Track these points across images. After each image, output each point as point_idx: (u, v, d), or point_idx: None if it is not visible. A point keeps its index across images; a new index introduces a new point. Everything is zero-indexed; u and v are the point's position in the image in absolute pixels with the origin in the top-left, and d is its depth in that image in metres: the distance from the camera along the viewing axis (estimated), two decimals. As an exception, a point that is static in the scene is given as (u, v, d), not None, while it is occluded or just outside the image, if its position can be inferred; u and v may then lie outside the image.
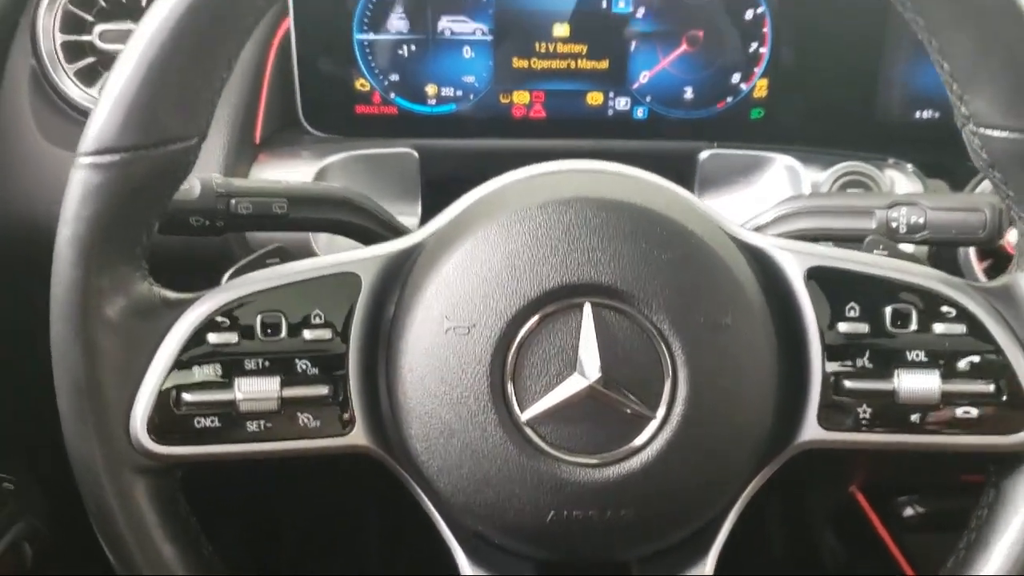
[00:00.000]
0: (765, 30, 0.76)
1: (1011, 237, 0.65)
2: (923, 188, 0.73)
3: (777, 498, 1.08)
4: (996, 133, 0.43)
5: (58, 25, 0.76)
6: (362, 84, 0.78)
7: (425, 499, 0.47)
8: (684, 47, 0.77)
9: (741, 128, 0.78)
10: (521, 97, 0.78)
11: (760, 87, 0.77)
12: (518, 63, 0.77)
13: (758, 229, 0.58)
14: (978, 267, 0.74)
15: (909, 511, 0.94)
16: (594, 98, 0.78)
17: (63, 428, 0.45)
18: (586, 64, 0.77)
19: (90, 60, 0.76)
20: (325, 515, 1.15)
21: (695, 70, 0.77)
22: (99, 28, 0.76)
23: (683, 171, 0.77)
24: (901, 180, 0.71)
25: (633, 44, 0.76)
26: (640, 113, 0.78)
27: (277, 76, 0.78)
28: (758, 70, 0.77)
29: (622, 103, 0.78)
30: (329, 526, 1.16)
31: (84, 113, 0.76)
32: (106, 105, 0.42)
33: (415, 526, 0.51)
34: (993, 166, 0.44)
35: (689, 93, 0.78)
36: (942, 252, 0.72)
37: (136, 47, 0.42)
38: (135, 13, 0.76)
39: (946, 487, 0.97)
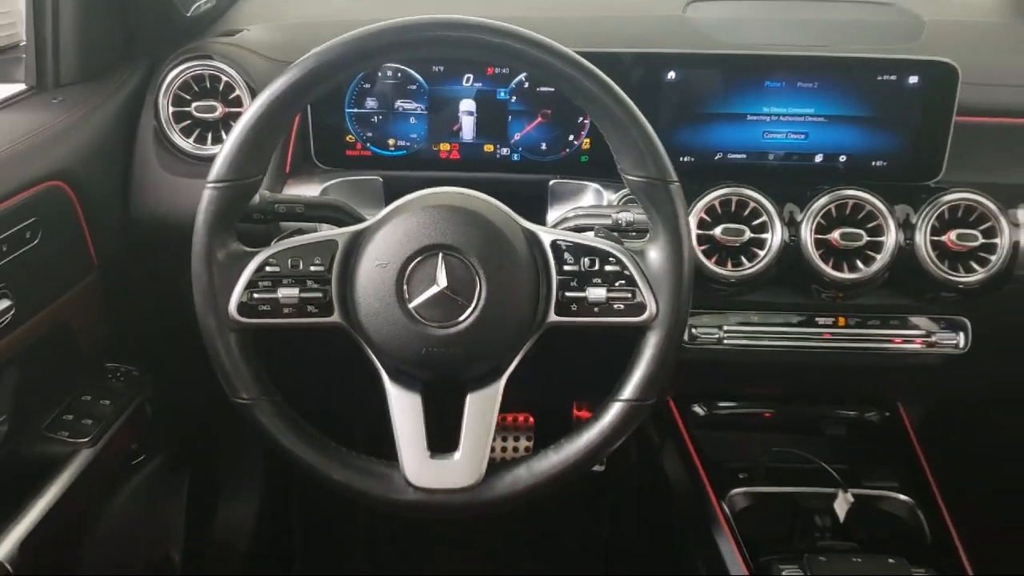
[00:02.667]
0: (588, 109, 1.19)
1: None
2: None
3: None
4: (632, 178, 0.87)
5: (171, 102, 1.16)
6: (350, 138, 1.19)
7: (368, 350, 0.90)
8: (539, 119, 1.17)
9: (574, 167, 1.18)
10: (445, 147, 1.19)
11: (585, 143, 1.18)
12: (442, 127, 1.18)
13: (556, 224, 1.02)
14: None
15: (699, 411, 1.35)
16: (488, 148, 1.19)
17: (196, 311, 0.87)
18: (483, 128, 1.18)
19: (188, 122, 1.16)
20: None
21: (547, 132, 1.17)
22: (195, 104, 1.15)
23: (540, 192, 1.17)
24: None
25: (510, 117, 1.17)
26: (515, 157, 1.19)
27: (299, 133, 1.18)
28: (583, 133, 1.17)
29: (504, 151, 1.19)
30: None
31: (185, 153, 1.16)
32: (219, 159, 0.82)
33: None
34: (634, 195, 0.88)
35: (544, 146, 1.18)
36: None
37: (234, 132, 0.85)
38: (215, 95, 1.15)
39: (725, 395, 1.38)
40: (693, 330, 1.18)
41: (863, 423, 1.35)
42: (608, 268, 0.87)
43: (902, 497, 1.22)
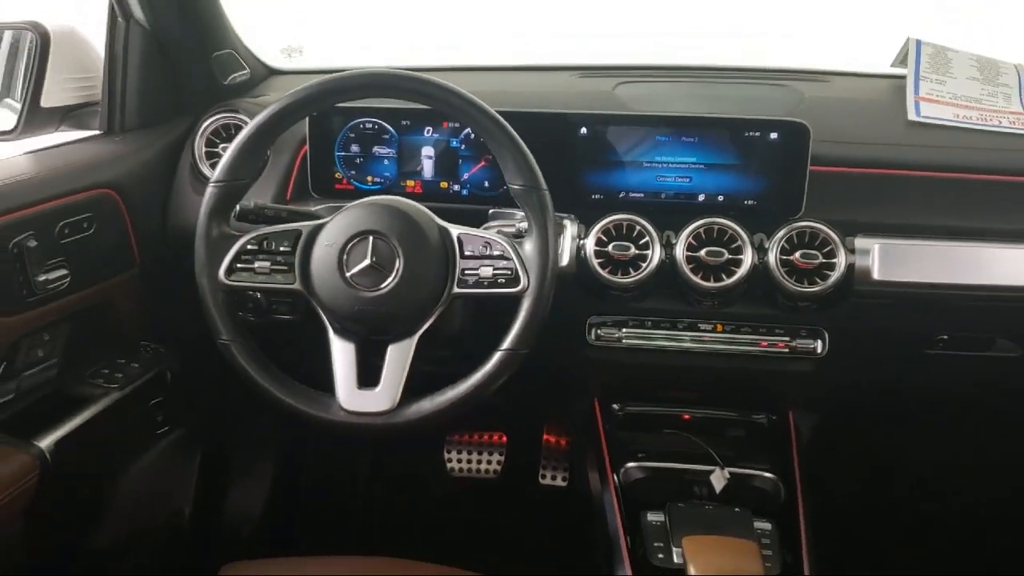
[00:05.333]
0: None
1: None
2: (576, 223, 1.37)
3: (555, 405, 1.75)
4: (513, 186, 1.14)
5: (204, 143, 1.49)
6: (338, 175, 1.46)
7: (320, 311, 1.17)
8: (483, 163, 1.42)
9: (509, 200, 1.39)
10: (410, 183, 1.46)
11: (518, 182, 1.48)
12: (408, 168, 1.45)
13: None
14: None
15: (618, 411, 1.58)
16: (443, 185, 1.45)
17: (196, 274, 1.16)
18: (439, 169, 1.49)
19: (216, 160, 1.47)
20: None
21: (489, 173, 1.43)
22: (221, 145, 1.47)
23: (482, 218, 1.38)
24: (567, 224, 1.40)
25: (460, 161, 1.44)
26: (464, 192, 1.44)
27: (300, 170, 1.47)
28: (517, 174, 1.48)
29: (456, 188, 1.44)
30: None
31: (211, 182, 1.51)
32: (219, 166, 1.15)
33: None
34: (515, 199, 1.16)
35: (487, 183, 1.43)
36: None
37: (230, 147, 1.15)
38: (238, 139, 1.52)
39: (639, 397, 1.61)
40: (599, 331, 1.43)
41: (756, 425, 1.56)
42: (495, 253, 1.14)
43: (768, 475, 1.42)
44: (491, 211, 1.44)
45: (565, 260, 1.36)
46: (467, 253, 1.15)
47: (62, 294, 1.23)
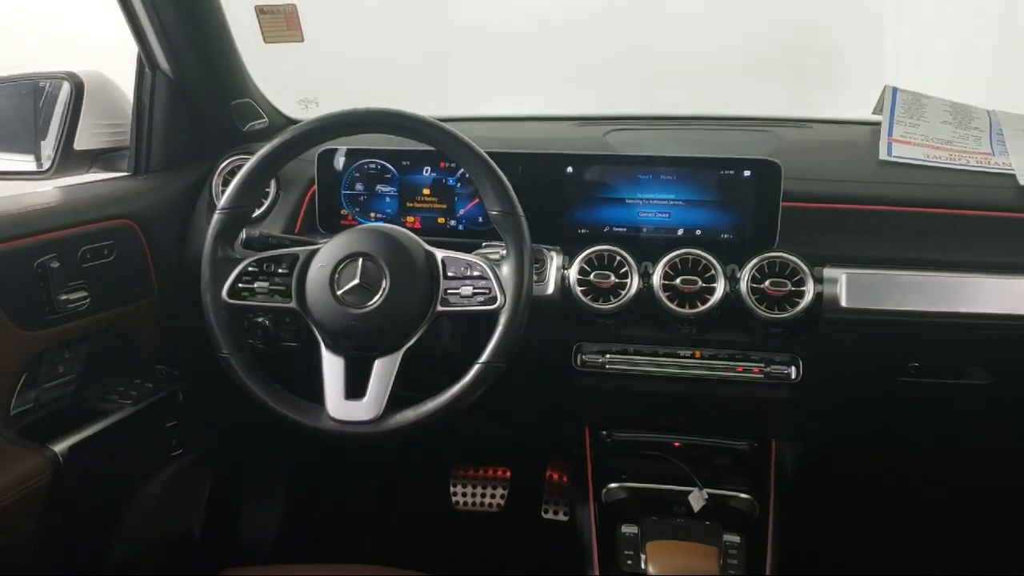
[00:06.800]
0: (512, 194, 1.56)
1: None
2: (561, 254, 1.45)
3: (552, 430, 1.79)
4: (492, 212, 1.22)
5: (221, 182, 1.59)
6: (344, 211, 1.56)
7: (314, 328, 1.24)
8: (477, 200, 1.51)
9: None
10: (410, 219, 1.56)
11: (509, 217, 1.56)
12: (408, 204, 1.55)
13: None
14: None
15: (606, 438, 1.62)
16: (440, 220, 1.55)
17: (201, 292, 1.25)
18: (437, 206, 1.55)
19: (232, 198, 1.62)
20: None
21: (483, 210, 1.48)
22: (235, 184, 1.62)
23: (475, 247, 1.54)
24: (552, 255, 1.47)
25: (456, 198, 1.53)
26: (460, 227, 1.52)
27: (308, 207, 1.57)
28: (508, 210, 1.56)
29: (452, 223, 1.53)
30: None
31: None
32: (224, 195, 1.25)
33: None
34: (494, 225, 1.23)
35: (480, 219, 1.50)
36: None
37: (235, 179, 1.25)
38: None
39: (627, 425, 1.65)
40: (584, 356, 1.48)
41: (740, 452, 1.59)
42: (475, 274, 1.21)
43: (745, 495, 1.45)
44: (483, 243, 1.52)
45: (550, 288, 1.43)
46: (450, 274, 1.22)
47: (82, 315, 1.32)
